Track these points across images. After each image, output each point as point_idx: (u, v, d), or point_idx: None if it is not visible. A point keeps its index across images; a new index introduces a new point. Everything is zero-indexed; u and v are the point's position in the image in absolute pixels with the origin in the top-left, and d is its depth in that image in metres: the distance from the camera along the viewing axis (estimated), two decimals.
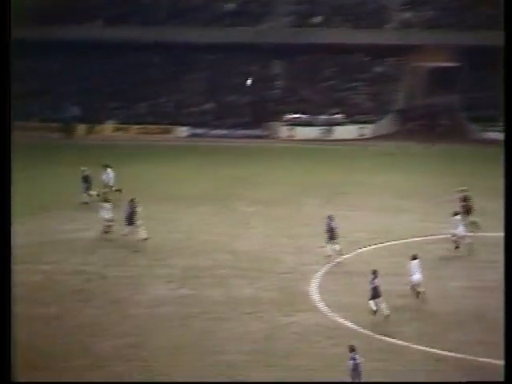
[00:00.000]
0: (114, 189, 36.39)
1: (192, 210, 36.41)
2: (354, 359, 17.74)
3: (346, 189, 39.49)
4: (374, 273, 22.88)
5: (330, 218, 27.87)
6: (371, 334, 22.01)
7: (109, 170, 36.79)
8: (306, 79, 63.37)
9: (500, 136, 51.64)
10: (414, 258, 24.38)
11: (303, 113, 59.02)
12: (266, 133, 59.16)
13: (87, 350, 20.96)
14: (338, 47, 60.30)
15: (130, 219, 29.75)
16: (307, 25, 65.19)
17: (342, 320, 22.70)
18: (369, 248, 29.77)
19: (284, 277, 27.00)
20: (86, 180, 36.21)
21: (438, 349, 20.90)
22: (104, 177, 36.73)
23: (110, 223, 30.84)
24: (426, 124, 60.02)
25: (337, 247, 27.56)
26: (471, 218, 30.59)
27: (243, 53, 64.90)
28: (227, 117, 62.00)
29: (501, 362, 13.79)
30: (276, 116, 60.11)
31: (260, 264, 28.35)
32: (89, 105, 63.81)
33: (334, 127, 57.42)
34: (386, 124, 58.72)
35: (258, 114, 61.09)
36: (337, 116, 58.46)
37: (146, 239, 29.71)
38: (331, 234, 27.50)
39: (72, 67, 66.81)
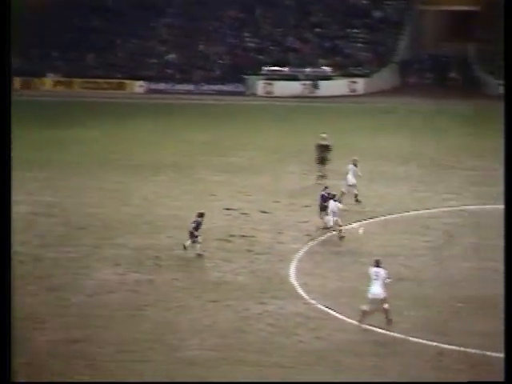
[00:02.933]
0: None
1: (149, 179, 36.28)
2: None
3: (333, 154, 39.41)
4: (201, 215, 26.70)
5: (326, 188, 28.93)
6: (361, 324, 21.99)
7: None
8: (290, 26, 63.00)
9: None
10: None
11: (284, 65, 58.68)
12: (240, 89, 58.90)
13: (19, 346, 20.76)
14: None
15: None
16: None
17: (326, 309, 22.61)
18: (360, 223, 29.80)
19: (258, 258, 26.95)
20: None
21: (440, 342, 20.93)
22: None
23: None
24: (434, 77, 60.07)
25: (330, 219, 28.01)
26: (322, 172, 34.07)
27: None
28: (194, 70, 61.58)
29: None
30: (253, 69, 59.76)
31: (229, 243, 28.27)
32: (26, 54, 63.15)
33: (321, 82, 57.17)
34: (384, 78, 58.59)
35: (231, 67, 60.73)
36: (324, 68, 58.21)
37: None
38: (324, 206, 28.39)
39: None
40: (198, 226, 26.66)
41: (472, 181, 35.11)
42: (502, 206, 30.11)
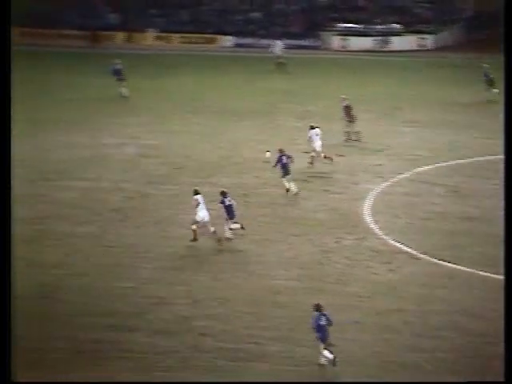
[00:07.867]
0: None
1: (236, 124, 35.66)
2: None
3: (402, 103, 38.16)
4: (223, 194, 22.62)
5: (282, 151, 26.25)
6: (430, 258, 21.34)
7: None
8: None
9: None
10: None
11: (357, 22, 57.10)
12: (316, 43, 57.54)
13: (126, 272, 20.76)
14: None
15: None
16: None
17: (398, 244, 21.95)
18: (429, 167, 28.81)
19: (335, 197, 26.31)
20: (118, 73, 38.93)
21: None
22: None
23: None
24: (497, 33, 57.59)
25: (291, 185, 25.78)
26: (355, 128, 31.33)
27: None
28: (275, 26, 60.36)
29: None
30: (328, 26, 58.25)
31: (309, 183, 27.67)
32: (128, 11, 62.66)
33: (391, 37, 55.47)
34: (450, 34, 56.42)
35: (308, 24, 59.32)
36: (394, 25, 56.43)
37: None
38: (285, 170, 26.07)
39: None
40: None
41: None
42: None
